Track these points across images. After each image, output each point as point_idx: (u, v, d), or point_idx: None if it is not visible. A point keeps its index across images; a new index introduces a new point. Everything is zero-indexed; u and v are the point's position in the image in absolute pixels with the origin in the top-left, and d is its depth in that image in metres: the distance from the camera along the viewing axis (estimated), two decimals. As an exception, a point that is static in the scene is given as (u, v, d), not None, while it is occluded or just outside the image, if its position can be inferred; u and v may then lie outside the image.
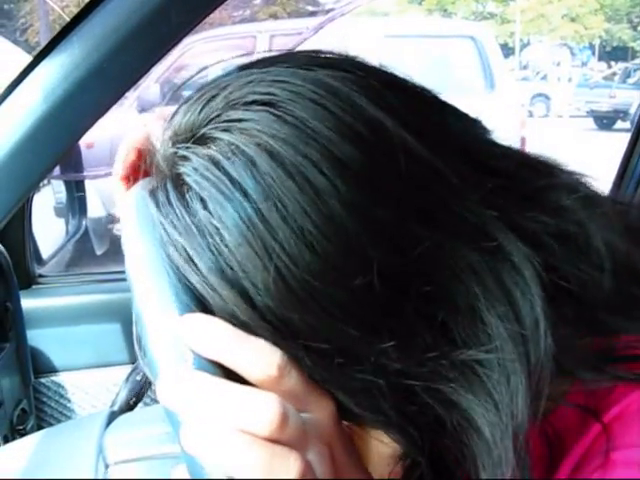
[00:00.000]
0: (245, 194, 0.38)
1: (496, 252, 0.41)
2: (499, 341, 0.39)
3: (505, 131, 0.50)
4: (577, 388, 0.45)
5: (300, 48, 0.49)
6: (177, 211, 0.40)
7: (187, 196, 0.40)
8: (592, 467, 0.41)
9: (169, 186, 0.41)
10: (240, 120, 0.40)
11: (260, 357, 0.38)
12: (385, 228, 0.39)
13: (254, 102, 0.41)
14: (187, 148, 0.41)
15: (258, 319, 0.38)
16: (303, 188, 0.38)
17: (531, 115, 14.73)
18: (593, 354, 0.44)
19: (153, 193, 0.43)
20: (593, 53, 26.05)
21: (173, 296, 0.39)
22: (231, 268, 0.38)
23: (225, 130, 0.40)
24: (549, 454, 0.45)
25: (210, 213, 0.38)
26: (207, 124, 0.41)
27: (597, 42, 25.71)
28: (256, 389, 0.37)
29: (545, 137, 10.37)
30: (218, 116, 0.41)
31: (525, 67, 23.91)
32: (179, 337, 0.38)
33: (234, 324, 0.39)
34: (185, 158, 0.41)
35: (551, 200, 0.45)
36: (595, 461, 0.41)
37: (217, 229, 0.38)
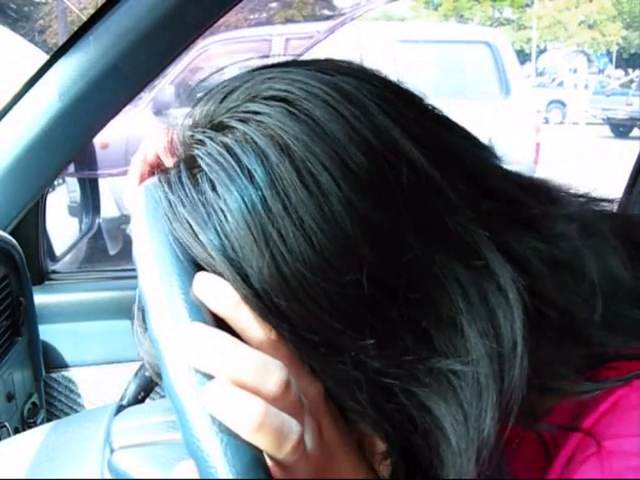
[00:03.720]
0: (252, 181, 0.40)
1: (484, 271, 0.42)
2: (476, 355, 0.41)
3: (520, 137, 0.51)
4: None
5: (312, 51, 0.50)
6: (186, 188, 0.42)
7: (197, 176, 0.42)
8: (584, 456, 0.42)
9: (182, 166, 0.43)
10: (257, 113, 0.42)
11: (263, 320, 0.40)
12: (380, 233, 0.40)
13: (272, 97, 0.43)
14: (203, 133, 0.43)
15: (253, 297, 0.40)
16: (307, 183, 0.40)
17: (547, 122, 14.67)
18: (578, 367, 0.44)
19: (166, 174, 0.45)
20: (610, 60, 25.89)
21: (175, 269, 0.41)
22: (232, 249, 0.40)
23: (242, 120, 0.42)
24: (544, 453, 0.46)
25: (217, 195, 0.40)
26: (226, 113, 0.43)
27: (614, 49, 25.56)
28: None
29: (560, 144, 10.33)
30: (237, 107, 0.43)
31: (541, 74, 23.82)
32: (179, 307, 0.39)
33: None
34: (201, 142, 0.43)
35: (546, 227, 0.46)
36: (587, 451, 0.42)
37: (222, 210, 0.40)
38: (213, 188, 0.41)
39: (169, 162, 0.47)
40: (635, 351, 0.45)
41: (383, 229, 0.40)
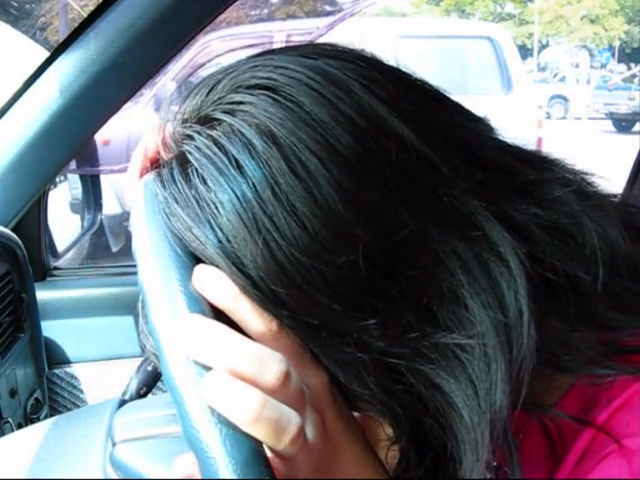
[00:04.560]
0: (241, 172, 0.40)
1: (483, 242, 0.42)
2: (481, 328, 0.40)
3: (522, 132, 0.51)
4: (583, 381, 0.46)
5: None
6: (179, 184, 0.42)
7: (189, 171, 0.42)
8: (602, 454, 0.41)
9: (174, 163, 0.43)
10: (241, 103, 0.42)
11: (263, 311, 0.40)
12: (373, 212, 0.40)
13: (255, 86, 0.43)
14: (191, 128, 0.43)
15: (250, 287, 0.40)
16: (296, 168, 0.40)
17: (549, 117, 14.65)
18: (593, 348, 0.44)
19: (159, 172, 0.45)
20: (613, 55, 25.81)
21: (174, 263, 0.41)
22: (227, 240, 0.40)
23: (227, 112, 0.42)
24: (551, 448, 0.46)
25: (208, 188, 0.41)
26: (211, 105, 0.43)
27: (617, 44, 25.48)
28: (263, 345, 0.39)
29: (562, 138, 10.31)
30: (222, 98, 0.43)
31: (543, 69, 23.77)
32: (178, 299, 0.40)
33: None
34: (190, 137, 0.43)
35: (543, 193, 0.45)
36: (603, 448, 0.41)
37: (214, 203, 0.40)
38: (204, 182, 0.41)
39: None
40: None
41: (375, 208, 0.40)
